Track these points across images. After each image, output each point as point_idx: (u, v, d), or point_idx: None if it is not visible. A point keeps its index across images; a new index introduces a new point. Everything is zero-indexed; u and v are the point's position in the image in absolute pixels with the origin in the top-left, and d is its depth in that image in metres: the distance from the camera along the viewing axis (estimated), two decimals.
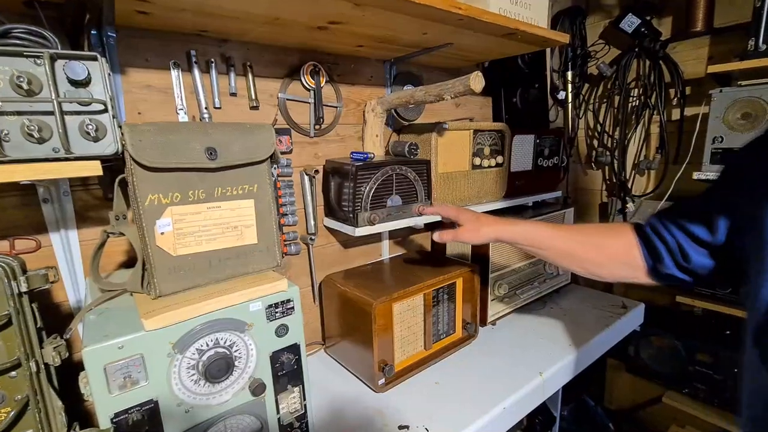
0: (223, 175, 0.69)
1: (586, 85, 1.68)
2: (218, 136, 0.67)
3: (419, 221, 1.03)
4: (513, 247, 1.23)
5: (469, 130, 1.13)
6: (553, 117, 1.67)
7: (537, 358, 1.00)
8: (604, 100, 1.63)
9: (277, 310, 0.70)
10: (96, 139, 0.59)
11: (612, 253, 0.65)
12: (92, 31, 0.71)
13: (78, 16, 0.68)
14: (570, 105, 1.72)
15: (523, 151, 1.32)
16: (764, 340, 0.48)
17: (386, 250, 1.20)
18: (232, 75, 0.86)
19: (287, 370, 0.71)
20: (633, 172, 1.60)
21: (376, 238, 1.18)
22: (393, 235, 1.22)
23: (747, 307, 0.51)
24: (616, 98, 1.58)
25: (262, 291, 0.69)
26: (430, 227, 1.31)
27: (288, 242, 0.96)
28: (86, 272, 0.76)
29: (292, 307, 0.72)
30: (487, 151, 1.19)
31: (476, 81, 0.83)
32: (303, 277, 1.04)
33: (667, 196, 1.50)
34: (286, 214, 0.94)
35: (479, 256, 1.14)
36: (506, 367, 0.97)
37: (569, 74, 1.62)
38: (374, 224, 0.93)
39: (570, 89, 1.68)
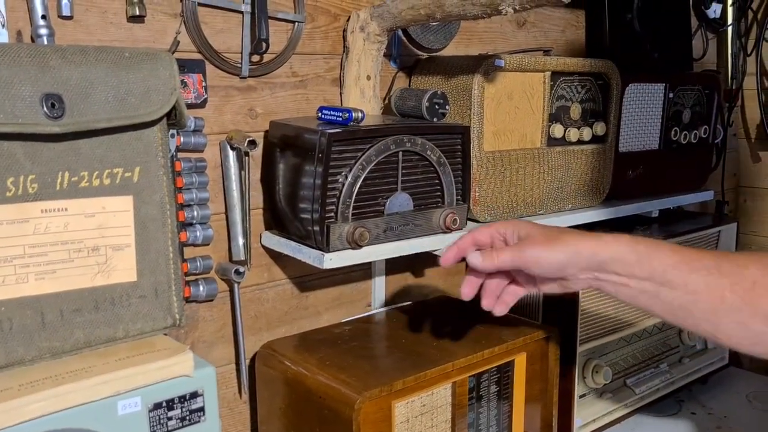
0: (75, 149, 0.69)
1: None
2: (67, 72, 0.67)
3: (446, 243, 1.03)
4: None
5: (543, 72, 1.14)
6: (699, 51, 1.69)
7: None
8: None
9: (171, 413, 0.71)
10: None
11: None
12: None
13: None
14: (731, 30, 1.73)
15: (643, 113, 1.33)
16: None
17: (380, 296, 1.21)
18: None
19: None
20: None
21: (363, 273, 1.19)
22: (395, 267, 1.22)
23: None
24: None
25: (145, 375, 0.69)
26: None
27: (194, 278, 0.96)
28: None
29: (202, 408, 0.72)
30: (575, 112, 1.21)
31: None
32: (220, 345, 1.04)
33: None
34: (192, 224, 0.93)
35: (560, 309, 1.15)
36: None
37: None
38: (361, 246, 0.94)
39: (731, 0, 1.69)
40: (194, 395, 0.72)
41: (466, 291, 0.86)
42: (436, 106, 1.04)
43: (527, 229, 0.82)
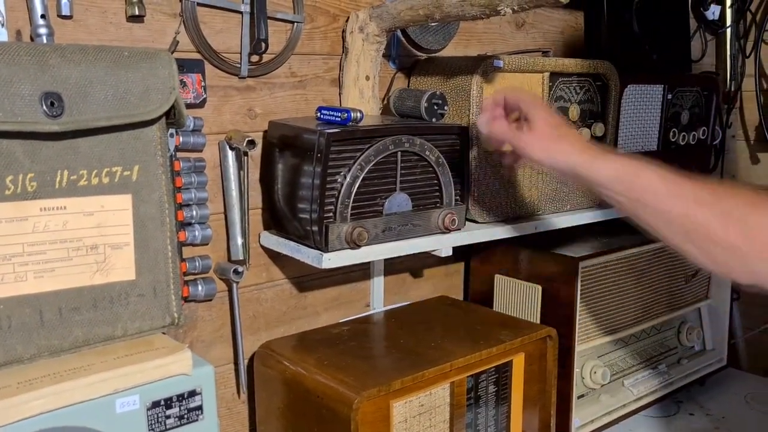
0: (74, 148, 0.69)
1: None
2: (66, 71, 0.67)
3: (445, 244, 1.03)
4: (621, 293, 1.25)
5: (542, 74, 1.14)
6: (698, 53, 1.69)
7: None
8: None
9: (170, 411, 0.71)
10: None
11: (765, 238, 0.70)
12: None
13: None
14: (730, 32, 1.73)
15: (641, 115, 1.34)
16: None
17: (379, 296, 1.21)
18: None
19: None
20: None
21: (362, 273, 1.19)
22: (394, 267, 1.23)
23: None
24: None
25: (143, 374, 0.70)
26: (464, 254, 1.31)
27: (192, 277, 0.96)
28: None
29: (200, 407, 0.73)
30: (574, 112, 1.21)
31: None
32: (219, 345, 1.04)
33: None
34: (191, 224, 0.94)
35: (558, 310, 1.15)
36: None
37: None
38: (359, 246, 0.94)
39: (730, 1, 1.69)
40: (192, 394, 0.72)
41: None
42: (435, 107, 1.04)
43: (536, 116, 0.89)
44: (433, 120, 1.03)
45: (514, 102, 0.93)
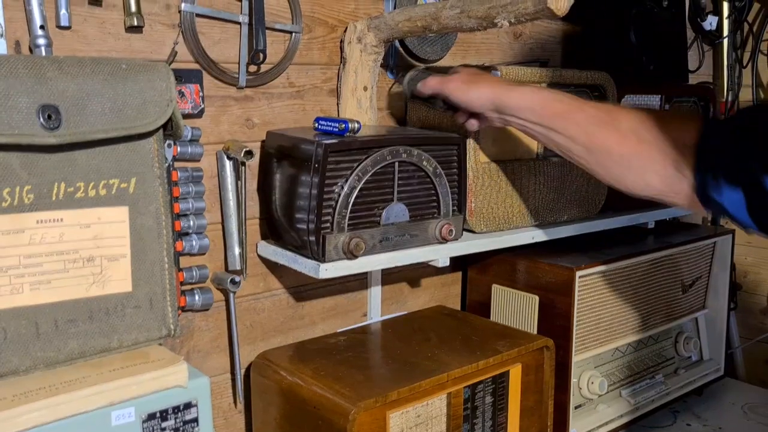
0: (72, 160, 0.69)
1: (757, 6, 1.71)
2: (64, 84, 0.68)
3: (442, 254, 1.03)
4: (618, 303, 1.25)
5: (540, 84, 1.14)
6: (694, 63, 1.70)
7: None
8: None
9: (165, 423, 0.71)
10: None
11: (652, 153, 0.79)
12: None
13: None
14: (726, 42, 1.74)
15: None
16: None
17: (376, 306, 1.21)
18: None
19: None
20: None
21: (359, 283, 1.19)
22: (391, 277, 1.23)
23: None
24: None
25: (139, 386, 0.70)
26: (461, 264, 1.32)
27: (189, 287, 0.96)
28: None
29: (196, 419, 0.73)
30: None
31: None
32: (216, 355, 1.04)
33: None
34: (188, 234, 0.94)
35: (555, 320, 1.15)
36: None
37: None
38: (357, 257, 0.94)
39: (727, 12, 1.70)
40: (188, 406, 0.72)
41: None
42: None
43: (458, 69, 1.02)
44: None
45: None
